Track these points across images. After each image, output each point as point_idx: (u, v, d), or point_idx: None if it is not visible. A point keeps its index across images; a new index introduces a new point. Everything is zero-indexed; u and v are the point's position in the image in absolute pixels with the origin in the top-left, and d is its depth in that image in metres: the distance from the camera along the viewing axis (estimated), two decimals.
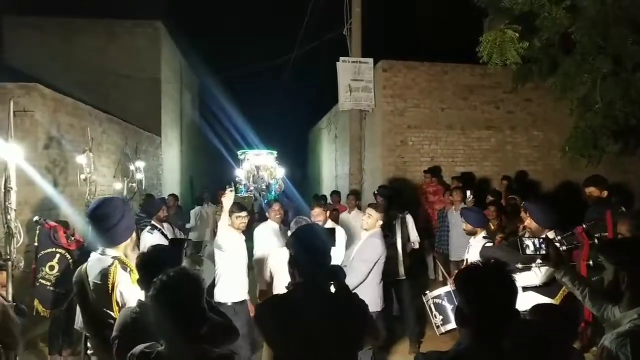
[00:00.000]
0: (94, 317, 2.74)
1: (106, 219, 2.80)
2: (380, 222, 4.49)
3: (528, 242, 2.70)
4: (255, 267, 5.13)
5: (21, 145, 3.89)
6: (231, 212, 4.64)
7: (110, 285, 2.64)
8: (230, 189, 4.63)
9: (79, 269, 2.90)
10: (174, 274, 1.94)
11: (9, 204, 3.41)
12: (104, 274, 2.67)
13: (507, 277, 1.81)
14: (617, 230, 3.96)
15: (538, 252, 2.66)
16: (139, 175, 8.91)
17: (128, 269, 2.73)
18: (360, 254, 4.35)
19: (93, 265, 2.76)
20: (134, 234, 3.07)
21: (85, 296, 2.76)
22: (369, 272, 4.22)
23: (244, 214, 4.76)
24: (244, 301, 4.72)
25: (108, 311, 2.65)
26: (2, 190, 3.39)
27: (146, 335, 2.07)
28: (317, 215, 5.19)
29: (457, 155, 10.03)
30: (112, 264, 2.71)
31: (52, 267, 4.71)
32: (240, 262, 4.77)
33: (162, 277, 1.93)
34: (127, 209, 2.96)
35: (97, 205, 2.90)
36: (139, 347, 1.95)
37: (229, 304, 4.53)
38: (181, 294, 1.88)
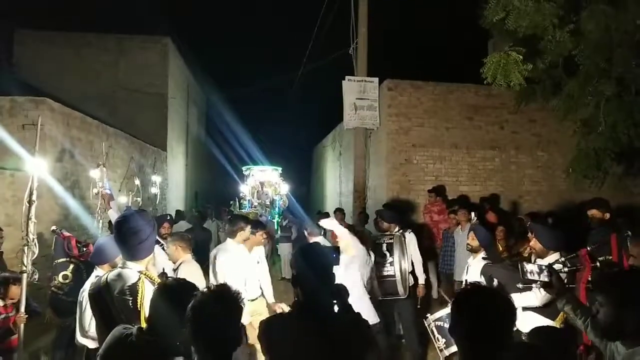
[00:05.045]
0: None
1: (137, 232, 2.75)
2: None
3: (528, 267, 2.65)
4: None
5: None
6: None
7: (139, 301, 2.58)
8: None
9: (96, 280, 2.85)
10: (215, 291, 1.94)
11: (31, 216, 3.44)
12: (132, 289, 2.61)
13: (505, 301, 1.80)
14: (628, 252, 3.95)
15: (538, 278, 2.61)
16: (154, 190, 8.98)
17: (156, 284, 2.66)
18: None
19: (116, 278, 2.69)
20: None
21: (105, 309, 2.69)
22: None
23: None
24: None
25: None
26: (26, 204, 3.42)
27: None
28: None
29: (462, 175, 10.04)
30: (139, 279, 2.65)
31: (65, 277, 4.78)
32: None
33: (203, 293, 1.92)
34: (153, 225, 2.92)
35: (127, 219, 2.85)
36: None
37: None
38: (219, 311, 1.86)
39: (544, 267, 2.63)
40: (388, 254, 5.33)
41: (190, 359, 1.93)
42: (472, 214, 6.96)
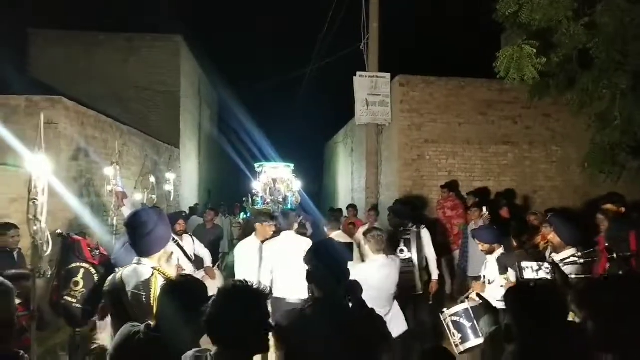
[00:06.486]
0: None
1: (141, 226, 2.84)
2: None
3: (524, 264, 2.59)
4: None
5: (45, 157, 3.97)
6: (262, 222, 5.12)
7: (152, 297, 2.62)
8: None
9: (112, 277, 2.87)
10: (238, 284, 1.93)
11: (39, 214, 3.47)
12: (145, 284, 2.66)
13: (561, 297, 1.92)
14: None
15: (537, 276, 2.54)
16: (168, 187, 9.05)
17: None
18: None
19: (130, 274, 2.74)
20: (168, 247, 3.05)
21: (120, 306, 2.72)
22: None
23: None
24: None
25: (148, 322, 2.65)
26: (34, 201, 3.45)
27: None
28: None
29: (475, 170, 9.97)
30: (152, 274, 2.70)
31: (76, 283, 4.47)
32: None
33: (227, 285, 1.94)
34: (162, 219, 2.96)
35: (133, 214, 3.00)
36: (190, 352, 1.91)
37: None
38: (240, 304, 1.85)
39: (542, 264, 2.57)
40: (406, 250, 5.33)
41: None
42: (484, 208, 6.93)
